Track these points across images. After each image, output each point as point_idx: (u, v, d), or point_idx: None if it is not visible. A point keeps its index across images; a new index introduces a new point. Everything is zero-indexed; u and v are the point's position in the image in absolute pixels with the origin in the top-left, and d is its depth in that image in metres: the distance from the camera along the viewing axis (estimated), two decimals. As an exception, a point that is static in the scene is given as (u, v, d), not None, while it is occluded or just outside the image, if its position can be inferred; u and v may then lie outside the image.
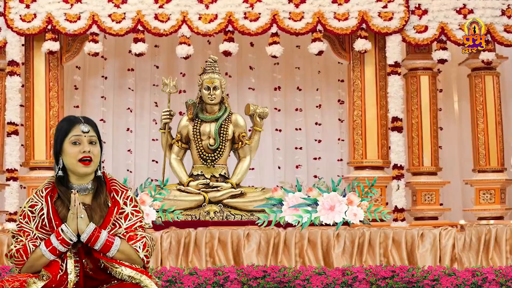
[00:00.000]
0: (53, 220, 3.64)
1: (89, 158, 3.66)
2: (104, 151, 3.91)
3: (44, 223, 3.65)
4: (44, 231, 3.66)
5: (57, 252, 3.61)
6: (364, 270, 6.70)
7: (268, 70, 10.23)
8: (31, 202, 3.69)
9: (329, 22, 8.85)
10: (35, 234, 3.65)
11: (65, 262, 3.61)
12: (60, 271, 3.59)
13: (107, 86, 10.23)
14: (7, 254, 3.68)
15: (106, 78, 10.21)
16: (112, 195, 3.73)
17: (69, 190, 3.69)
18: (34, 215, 3.66)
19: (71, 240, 3.60)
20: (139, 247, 3.68)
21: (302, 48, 9.86)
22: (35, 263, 3.62)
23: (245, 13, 8.85)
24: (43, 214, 3.65)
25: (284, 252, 7.10)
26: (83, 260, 3.64)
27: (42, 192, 3.69)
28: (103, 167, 3.86)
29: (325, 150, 10.25)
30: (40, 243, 3.62)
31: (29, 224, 3.66)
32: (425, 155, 9.23)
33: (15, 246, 3.64)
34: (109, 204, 3.71)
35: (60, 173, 3.71)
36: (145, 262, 3.69)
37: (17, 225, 3.70)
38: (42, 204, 3.67)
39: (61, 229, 3.60)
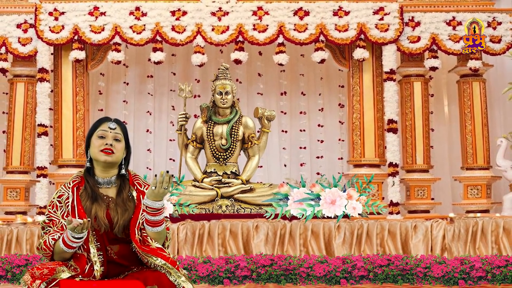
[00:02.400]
0: (76, 208, 3.62)
1: (110, 150, 3.66)
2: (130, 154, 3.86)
3: (68, 210, 3.62)
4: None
5: (74, 246, 3.56)
6: (363, 259, 6.72)
7: (275, 76, 10.25)
8: (59, 192, 3.68)
9: (330, 33, 8.87)
10: (61, 223, 3.63)
11: (91, 253, 3.58)
12: (87, 263, 3.58)
13: (129, 91, 10.28)
14: (37, 247, 3.66)
15: (127, 84, 10.26)
16: (135, 187, 3.74)
17: (96, 184, 3.70)
18: (61, 204, 3.65)
19: (78, 238, 3.53)
20: (168, 238, 3.73)
21: (306, 57, 9.89)
22: (62, 255, 3.59)
23: (254, 25, 8.87)
24: (68, 202, 3.64)
25: (289, 242, 7.11)
26: (107, 247, 3.63)
27: (70, 184, 3.69)
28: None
29: (327, 149, 10.26)
30: (58, 236, 3.58)
31: (56, 213, 3.65)
32: (418, 154, 9.24)
33: (43, 239, 3.62)
34: (134, 194, 3.72)
35: (88, 164, 3.71)
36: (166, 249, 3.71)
37: (46, 215, 3.69)
38: (68, 194, 3.66)
39: (71, 235, 3.52)
